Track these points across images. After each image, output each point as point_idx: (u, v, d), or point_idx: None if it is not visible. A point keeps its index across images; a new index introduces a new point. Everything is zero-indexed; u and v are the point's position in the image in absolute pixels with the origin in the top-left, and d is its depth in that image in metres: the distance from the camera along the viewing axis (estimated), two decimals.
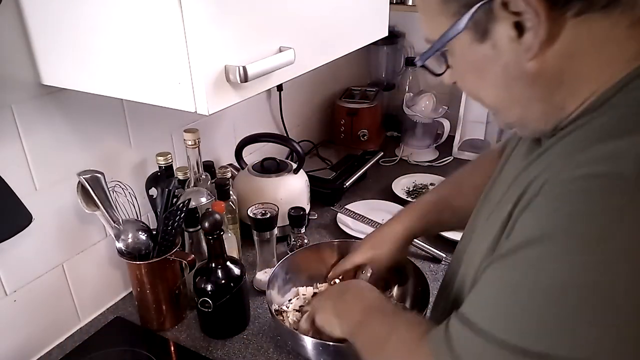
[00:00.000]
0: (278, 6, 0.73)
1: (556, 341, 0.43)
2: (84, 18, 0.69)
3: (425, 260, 1.19)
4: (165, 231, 0.95)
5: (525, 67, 0.50)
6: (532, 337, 0.44)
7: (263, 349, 0.96)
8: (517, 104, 0.54)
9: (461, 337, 0.50)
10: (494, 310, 0.49)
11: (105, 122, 0.99)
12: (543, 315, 0.44)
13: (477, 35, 0.50)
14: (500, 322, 0.47)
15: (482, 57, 0.52)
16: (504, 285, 0.48)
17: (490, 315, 0.48)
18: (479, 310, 0.50)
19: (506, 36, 0.48)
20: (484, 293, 0.51)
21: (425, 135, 1.72)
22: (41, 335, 0.97)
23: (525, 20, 0.46)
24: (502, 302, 0.48)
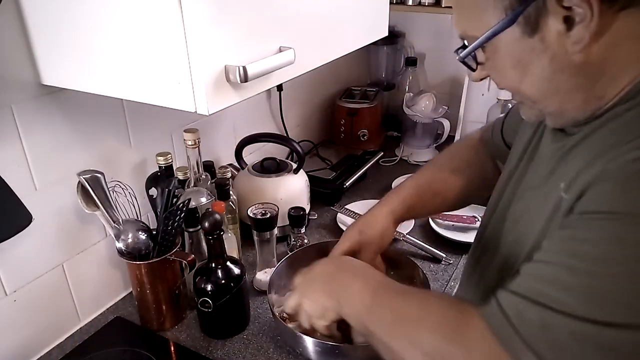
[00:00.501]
0: (278, 6, 0.73)
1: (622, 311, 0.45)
2: (84, 18, 0.69)
3: (425, 260, 1.19)
4: (165, 231, 0.95)
5: (571, 59, 0.52)
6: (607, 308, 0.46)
7: (263, 349, 0.96)
8: (559, 95, 0.57)
9: (526, 313, 0.50)
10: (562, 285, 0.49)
11: (105, 122, 0.99)
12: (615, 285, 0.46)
13: (527, 29, 0.53)
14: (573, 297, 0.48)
15: (529, 51, 0.54)
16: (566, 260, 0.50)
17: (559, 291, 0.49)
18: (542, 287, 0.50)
19: (555, 30, 0.51)
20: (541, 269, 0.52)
21: (425, 135, 1.72)
22: (41, 335, 0.97)
23: (575, 15, 0.49)
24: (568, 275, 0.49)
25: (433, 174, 0.92)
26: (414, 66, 1.81)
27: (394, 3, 1.61)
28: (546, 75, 0.55)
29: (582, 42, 0.51)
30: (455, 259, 1.18)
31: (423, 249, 1.21)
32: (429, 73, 1.89)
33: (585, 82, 0.54)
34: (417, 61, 1.81)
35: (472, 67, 0.62)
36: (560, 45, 0.52)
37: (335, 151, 1.61)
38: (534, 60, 0.55)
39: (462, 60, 0.60)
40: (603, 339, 0.46)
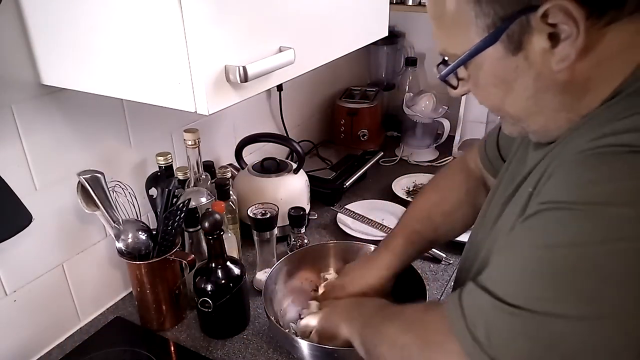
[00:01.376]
0: (278, 6, 0.73)
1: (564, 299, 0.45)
2: (84, 18, 0.69)
3: (425, 260, 1.19)
4: (165, 231, 0.95)
5: (556, 77, 0.51)
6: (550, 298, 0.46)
7: (263, 349, 0.96)
8: (543, 114, 0.56)
9: (473, 302, 0.52)
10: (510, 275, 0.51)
11: (105, 122, 0.99)
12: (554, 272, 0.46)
13: (511, 47, 0.51)
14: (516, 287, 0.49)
15: (513, 69, 0.53)
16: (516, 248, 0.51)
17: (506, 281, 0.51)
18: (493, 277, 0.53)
19: (540, 47, 0.50)
20: (496, 260, 0.55)
21: (425, 135, 1.72)
22: (41, 335, 0.97)
23: (560, 32, 0.48)
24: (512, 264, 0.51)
25: (424, 223, 0.89)
26: (414, 66, 1.81)
27: (394, 3, 1.61)
28: (530, 94, 0.54)
29: (567, 60, 0.49)
30: (455, 259, 1.18)
31: None
32: (429, 73, 1.89)
33: (570, 100, 0.53)
34: (417, 61, 1.81)
35: (453, 86, 0.61)
36: (545, 63, 0.51)
37: (335, 151, 1.61)
38: (518, 79, 0.53)
39: (442, 79, 0.59)
40: (526, 326, 0.47)
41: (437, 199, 0.91)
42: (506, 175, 0.71)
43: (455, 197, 0.89)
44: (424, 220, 0.89)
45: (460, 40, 0.54)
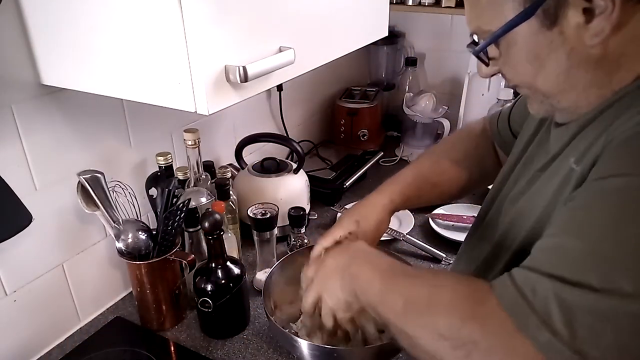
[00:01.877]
0: (278, 6, 0.73)
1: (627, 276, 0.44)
2: (84, 18, 0.69)
3: (425, 260, 1.19)
4: (165, 231, 0.95)
5: (589, 52, 0.52)
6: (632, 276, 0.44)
7: (263, 349, 0.96)
8: (575, 90, 0.56)
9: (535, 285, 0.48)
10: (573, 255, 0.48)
11: (105, 122, 0.99)
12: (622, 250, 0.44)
13: (546, 22, 0.52)
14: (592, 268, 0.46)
15: (547, 44, 0.53)
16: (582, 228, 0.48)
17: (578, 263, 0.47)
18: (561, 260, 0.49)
19: (574, 22, 0.51)
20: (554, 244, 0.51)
21: (425, 135, 1.71)
22: (41, 335, 0.97)
23: (595, 6, 0.49)
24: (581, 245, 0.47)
25: (432, 163, 0.91)
26: (414, 66, 1.81)
27: (394, 3, 1.61)
28: (563, 70, 0.54)
29: (601, 35, 0.50)
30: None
31: (423, 249, 1.21)
32: (429, 73, 1.89)
33: (602, 76, 0.54)
34: (417, 61, 1.81)
35: (486, 62, 0.61)
36: (579, 38, 0.51)
37: (335, 151, 1.61)
38: (551, 54, 0.54)
39: (476, 55, 0.59)
40: (618, 309, 0.44)
41: (448, 147, 0.93)
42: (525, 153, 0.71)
43: (464, 148, 0.91)
44: (434, 163, 0.90)
45: (496, 16, 0.55)
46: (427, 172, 0.89)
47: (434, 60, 1.87)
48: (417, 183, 0.87)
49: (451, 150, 0.92)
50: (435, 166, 0.89)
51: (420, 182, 0.88)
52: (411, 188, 0.86)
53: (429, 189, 0.88)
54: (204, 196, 1.06)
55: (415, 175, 0.89)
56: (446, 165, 0.89)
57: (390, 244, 1.24)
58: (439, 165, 0.89)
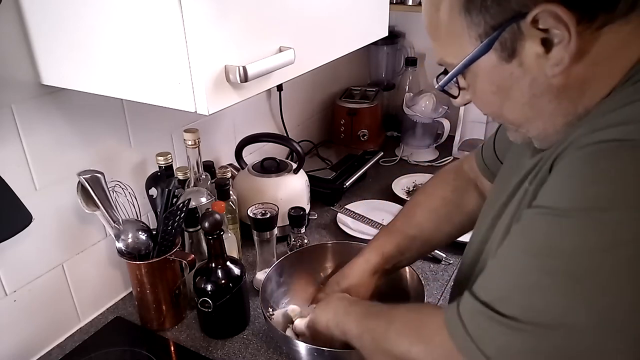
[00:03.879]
0: (278, 6, 0.73)
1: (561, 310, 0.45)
2: (84, 18, 0.70)
3: (425, 260, 1.19)
4: (165, 231, 0.95)
5: (551, 81, 0.51)
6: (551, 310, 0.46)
7: (263, 349, 0.96)
8: (541, 118, 0.56)
9: (472, 310, 0.52)
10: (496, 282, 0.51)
11: (105, 122, 0.99)
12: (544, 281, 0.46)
13: (504, 54, 0.52)
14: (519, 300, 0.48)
15: (509, 76, 0.53)
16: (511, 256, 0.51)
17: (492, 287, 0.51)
18: (484, 283, 0.53)
19: (533, 53, 0.50)
20: (491, 268, 0.54)
21: (425, 135, 1.72)
22: (41, 335, 0.97)
23: (553, 36, 0.48)
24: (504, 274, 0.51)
25: (406, 218, 0.90)
26: (414, 66, 1.81)
27: (394, 3, 1.61)
28: (526, 100, 0.54)
29: (562, 64, 0.49)
30: (455, 259, 1.18)
31: None
32: (429, 73, 1.89)
33: (567, 104, 0.53)
34: (417, 61, 1.81)
35: (453, 95, 0.61)
36: (540, 69, 0.51)
37: (335, 151, 1.61)
38: (514, 85, 0.54)
39: (441, 89, 0.60)
40: (543, 344, 0.46)
41: (422, 198, 0.92)
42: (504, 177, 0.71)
43: (440, 195, 0.90)
44: (407, 217, 0.90)
45: (456, 50, 0.55)
46: (402, 228, 0.89)
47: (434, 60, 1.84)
48: (394, 240, 0.87)
49: (426, 200, 0.90)
50: (410, 220, 0.89)
51: (397, 239, 0.87)
52: (389, 246, 0.87)
53: (408, 243, 0.87)
54: (204, 196, 1.06)
55: (390, 233, 0.89)
56: (423, 216, 0.88)
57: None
58: (414, 218, 0.89)
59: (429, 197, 0.91)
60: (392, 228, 0.90)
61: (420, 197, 0.92)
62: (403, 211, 0.93)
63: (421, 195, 0.93)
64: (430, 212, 0.88)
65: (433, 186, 0.93)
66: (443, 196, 0.89)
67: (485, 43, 0.51)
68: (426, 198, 0.91)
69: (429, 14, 0.57)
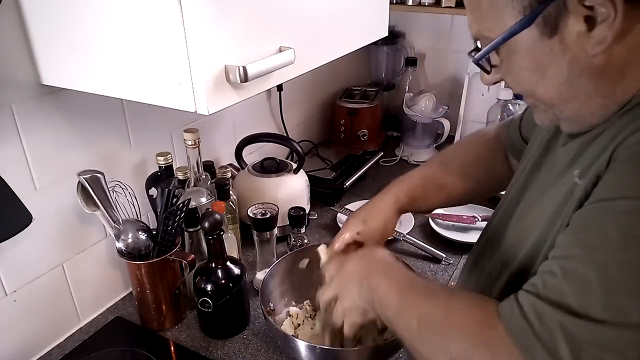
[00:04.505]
0: (278, 6, 0.73)
1: None
2: (84, 18, 0.69)
3: (425, 260, 1.19)
4: (165, 231, 0.95)
5: (591, 61, 0.50)
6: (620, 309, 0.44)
7: (263, 349, 0.96)
8: (577, 99, 0.55)
9: (541, 314, 0.48)
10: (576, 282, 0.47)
11: (105, 122, 0.99)
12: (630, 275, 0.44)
13: (546, 30, 0.51)
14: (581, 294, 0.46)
15: (548, 53, 0.52)
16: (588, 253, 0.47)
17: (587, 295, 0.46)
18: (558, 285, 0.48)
19: (575, 30, 0.49)
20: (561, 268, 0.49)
21: (425, 135, 1.72)
22: (41, 335, 0.97)
23: (597, 14, 0.47)
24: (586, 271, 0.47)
25: (441, 166, 0.89)
26: (414, 66, 1.81)
27: (394, 3, 1.61)
28: (564, 79, 0.53)
29: (604, 43, 0.48)
30: (455, 259, 1.18)
31: (423, 249, 1.21)
32: (429, 73, 1.89)
33: (605, 86, 0.52)
34: (417, 61, 1.81)
35: (487, 70, 0.59)
36: (581, 47, 0.50)
37: (335, 151, 1.61)
38: (552, 63, 0.52)
39: (476, 62, 0.58)
40: (625, 340, 0.43)
41: (461, 150, 0.92)
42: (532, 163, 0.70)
43: (476, 152, 0.90)
44: (443, 165, 0.89)
45: (496, 23, 0.53)
46: (435, 174, 0.88)
47: (434, 60, 1.87)
48: (423, 184, 0.86)
49: (462, 154, 0.90)
50: (444, 168, 0.88)
51: (427, 183, 0.87)
52: (417, 189, 0.86)
53: (436, 191, 0.87)
54: (204, 196, 1.06)
55: (423, 176, 0.88)
56: (455, 168, 0.87)
57: (390, 244, 1.24)
58: (448, 168, 0.88)
59: (467, 151, 0.90)
60: (425, 173, 0.89)
61: (459, 150, 0.92)
62: (439, 158, 0.92)
63: (460, 148, 0.93)
64: (463, 166, 0.88)
65: (471, 144, 0.93)
66: (478, 154, 0.89)
67: (528, 16, 0.50)
68: (465, 151, 0.91)
69: None
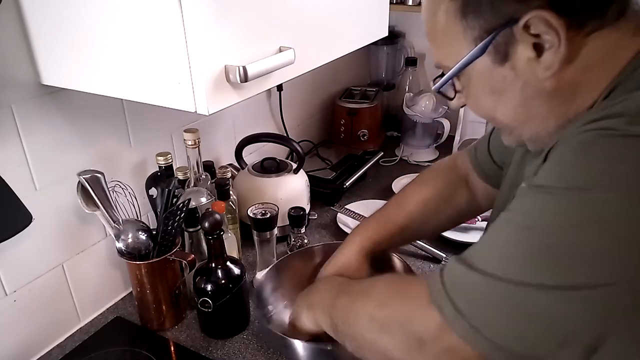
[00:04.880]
0: (278, 6, 0.73)
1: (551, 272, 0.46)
2: (84, 18, 0.70)
3: (425, 260, 1.19)
4: (165, 231, 0.95)
5: (543, 85, 0.53)
6: (528, 269, 0.47)
7: (263, 349, 0.96)
8: (534, 121, 0.58)
9: (455, 273, 0.53)
10: (491, 250, 0.52)
11: (105, 122, 0.99)
12: (537, 248, 0.47)
13: (497, 58, 0.54)
14: (496, 260, 0.50)
15: (501, 79, 0.55)
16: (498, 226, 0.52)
17: (487, 255, 0.52)
18: (475, 252, 0.53)
19: (525, 57, 0.52)
20: (484, 238, 0.55)
21: (425, 135, 1.72)
22: (41, 335, 0.97)
23: (544, 42, 0.50)
24: (493, 240, 0.53)
25: (397, 207, 0.91)
26: (414, 66, 1.81)
27: (394, 3, 1.61)
28: (519, 103, 0.56)
29: (552, 68, 0.51)
30: None
31: (423, 249, 1.21)
32: (429, 73, 1.89)
33: (559, 107, 0.55)
34: (417, 61, 1.81)
35: (449, 97, 0.63)
36: (531, 72, 0.52)
37: (335, 151, 1.61)
38: (507, 88, 0.55)
39: (437, 91, 0.62)
40: (505, 294, 0.48)
41: (416, 188, 0.93)
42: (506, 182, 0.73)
43: (432, 186, 0.91)
44: (400, 206, 0.91)
45: (452, 53, 0.57)
46: (391, 216, 0.89)
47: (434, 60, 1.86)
48: (384, 227, 0.88)
49: (416, 191, 0.92)
50: (400, 209, 0.90)
51: (387, 225, 0.88)
52: (379, 232, 0.87)
53: (397, 232, 0.88)
54: (204, 196, 1.06)
55: (382, 220, 0.89)
56: (411, 206, 0.89)
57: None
58: (404, 208, 0.89)
59: (422, 188, 0.92)
60: (383, 215, 0.90)
61: (413, 187, 0.93)
62: (396, 199, 0.94)
63: (414, 186, 0.94)
64: (421, 203, 0.89)
65: (426, 178, 0.95)
66: (435, 188, 0.91)
67: (480, 46, 0.53)
68: (419, 188, 0.92)
69: (428, 18, 0.59)
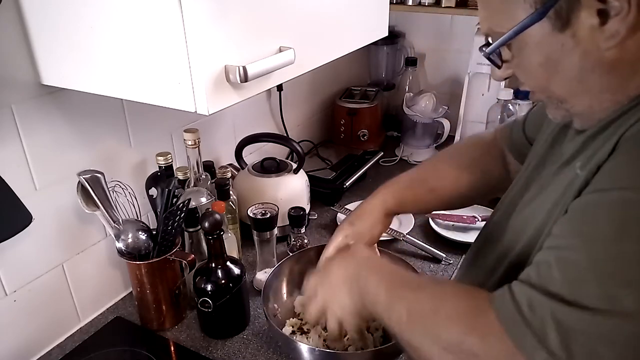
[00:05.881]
0: (278, 6, 0.73)
1: None
2: (84, 18, 0.69)
3: (425, 260, 1.19)
4: (165, 231, 0.95)
5: (604, 55, 0.50)
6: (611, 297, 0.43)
7: (263, 349, 0.96)
8: (588, 94, 0.54)
9: (533, 302, 0.48)
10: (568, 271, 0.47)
11: (105, 122, 0.99)
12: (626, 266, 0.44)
13: (558, 24, 0.50)
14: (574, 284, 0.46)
15: (559, 48, 0.51)
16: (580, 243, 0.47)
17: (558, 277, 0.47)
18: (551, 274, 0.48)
19: (588, 24, 0.49)
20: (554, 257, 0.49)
21: (425, 135, 1.71)
22: (41, 335, 0.97)
23: (610, 8, 0.47)
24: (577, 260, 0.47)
25: (433, 168, 0.89)
26: (414, 66, 1.81)
27: (394, 3, 1.61)
28: (576, 74, 0.53)
29: (617, 37, 0.48)
30: (455, 259, 1.18)
31: (423, 249, 1.21)
32: (429, 73, 1.89)
33: (617, 81, 0.52)
34: (417, 61, 1.81)
35: (498, 64, 0.59)
36: (593, 41, 0.49)
37: (335, 151, 1.61)
38: (564, 58, 0.52)
39: (487, 56, 0.57)
40: (618, 329, 0.43)
41: (454, 152, 0.90)
42: (537, 159, 0.69)
43: (471, 155, 0.88)
44: (434, 168, 0.88)
45: (507, 18, 0.53)
46: (425, 176, 0.87)
47: (434, 60, 1.87)
48: (413, 186, 0.86)
49: (456, 156, 0.89)
50: (435, 171, 0.87)
51: (417, 185, 0.86)
52: (406, 191, 0.85)
53: (425, 193, 0.86)
54: (204, 196, 1.06)
55: (413, 178, 0.87)
56: (447, 170, 0.86)
57: (390, 244, 1.24)
58: (440, 171, 0.87)
59: (461, 155, 0.89)
60: (415, 175, 0.88)
61: (452, 152, 0.91)
62: (432, 161, 0.91)
63: (453, 150, 0.91)
64: (456, 170, 0.86)
65: (466, 146, 0.92)
66: (473, 157, 0.88)
67: (540, 10, 0.50)
68: (458, 154, 0.89)
69: None
